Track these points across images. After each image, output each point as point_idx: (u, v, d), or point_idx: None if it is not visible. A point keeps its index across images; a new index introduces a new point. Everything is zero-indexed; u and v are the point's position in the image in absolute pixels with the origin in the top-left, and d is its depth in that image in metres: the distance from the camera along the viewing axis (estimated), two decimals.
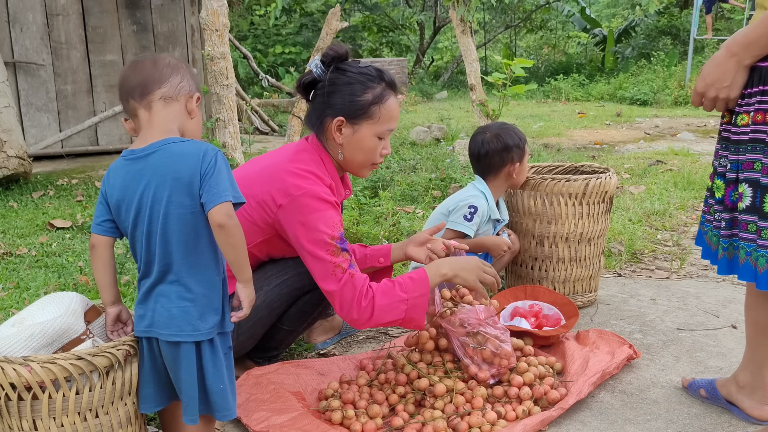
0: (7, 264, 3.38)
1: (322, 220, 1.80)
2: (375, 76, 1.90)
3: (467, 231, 2.53)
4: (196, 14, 7.03)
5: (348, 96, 1.88)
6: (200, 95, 1.57)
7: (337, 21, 5.61)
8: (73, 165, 6.22)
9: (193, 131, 1.56)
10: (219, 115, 4.12)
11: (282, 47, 15.23)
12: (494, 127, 2.67)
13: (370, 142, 1.91)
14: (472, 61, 5.46)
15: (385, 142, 1.95)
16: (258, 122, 8.44)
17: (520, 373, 2.01)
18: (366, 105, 1.87)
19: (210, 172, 1.42)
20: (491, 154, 2.60)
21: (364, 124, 1.89)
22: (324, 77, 1.90)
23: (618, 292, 2.94)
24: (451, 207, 2.60)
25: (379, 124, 1.90)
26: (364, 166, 1.96)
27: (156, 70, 1.51)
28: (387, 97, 1.90)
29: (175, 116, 1.52)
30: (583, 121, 9.50)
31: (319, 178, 1.87)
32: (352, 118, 1.88)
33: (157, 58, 1.54)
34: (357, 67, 1.92)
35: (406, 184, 4.88)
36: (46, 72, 6.46)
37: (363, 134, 1.90)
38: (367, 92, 1.88)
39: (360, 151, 1.92)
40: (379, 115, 1.88)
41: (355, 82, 1.88)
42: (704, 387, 1.95)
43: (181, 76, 1.52)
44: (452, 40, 19.63)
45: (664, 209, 4.29)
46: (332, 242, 1.79)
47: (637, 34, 16.44)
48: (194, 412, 1.48)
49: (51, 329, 1.48)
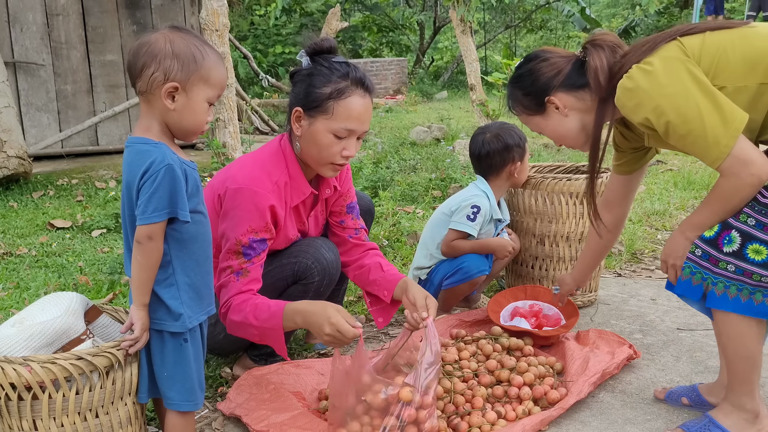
0: (7, 264, 3.38)
1: (239, 221, 1.81)
2: (341, 72, 1.82)
3: (470, 231, 2.53)
4: (196, 14, 7.03)
5: (309, 87, 1.82)
6: (178, 84, 1.41)
7: (337, 21, 5.62)
8: (73, 165, 6.22)
9: (177, 125, 1.46)
10: (219, 115, 4.12)
11: (282, 47, 15.22)
12: (494, 127, 2.67)
13: (323, 138, 1.83)
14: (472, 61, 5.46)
15: (347, 142, 1.84)
16: (258, 122, 8.44)
17: (520, 373, 2.01)
18: (322, 98, 1.80)
19: (145, 188, 1.39)
20: (492, 154, 2.60)
21: (319, 117, 1.82)
22: (304, 68, 1.88)
23: (618, 292, 2.94)
24: (453, 207, 2.60)
25: (334, 121, 1.81)
26: (321, 163, 1.88)
27: (137, 61, 1.42)
28: (348, 94, 1.81)
29: (153, 111, 1.45)
30: None
31: (267, 174, 1.86)
32: (307, 110, 1.83)
33: (140, 44, 1.43)
34: (329, 60, 1.85)
35: (406, 184, 4.88)
36: (46, 72, 6.46)
37: (317, 128, 1.83)
38: (327, 86, 1.80)
39: (314, 145, 1.85)
40: (332, 111, 1.80)
41: (318, 74, 1.83)
42: (685, 395, 1.93)
43: (156, 64, 1.40)
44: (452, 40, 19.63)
45: (664, 209, 4.29)
46: (237, 244, 1.80)
47: (637, 34, 16.43)
48: (143, 390, 1.54)
49: (51, 329, 1.48)
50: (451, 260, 2.57)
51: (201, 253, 1.52)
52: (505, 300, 2.50)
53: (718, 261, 1.58)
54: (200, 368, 1.56)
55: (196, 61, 1.43)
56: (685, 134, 1.54)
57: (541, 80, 1.82)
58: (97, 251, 3.59)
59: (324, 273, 2.00)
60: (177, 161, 1.42)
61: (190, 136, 1.50)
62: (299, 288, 1.99)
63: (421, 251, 2.70)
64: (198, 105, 1.45)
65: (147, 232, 1.40)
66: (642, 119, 1.60)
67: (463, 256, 2.55)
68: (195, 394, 1.54)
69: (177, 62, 1.41)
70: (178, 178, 1.41)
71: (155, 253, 1.42)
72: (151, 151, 1.41)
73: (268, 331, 1.76)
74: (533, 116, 1.88)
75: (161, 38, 1.42)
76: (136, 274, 1.44)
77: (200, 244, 1.52)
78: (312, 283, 1.99)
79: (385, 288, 2.03)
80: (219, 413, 1.95)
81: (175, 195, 1.41)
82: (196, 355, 1.54)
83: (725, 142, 1.49)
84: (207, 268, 1.55)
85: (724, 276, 1.58)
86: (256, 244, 1.82)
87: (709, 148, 1.51)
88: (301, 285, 1.99)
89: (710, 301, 1.62)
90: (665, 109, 1.54)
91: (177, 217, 1.42)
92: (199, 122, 1.47)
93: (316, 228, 2.14)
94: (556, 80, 1.80)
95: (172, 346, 1.50)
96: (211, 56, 1.46)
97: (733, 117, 1.50)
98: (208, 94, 1.46)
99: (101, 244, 3.76)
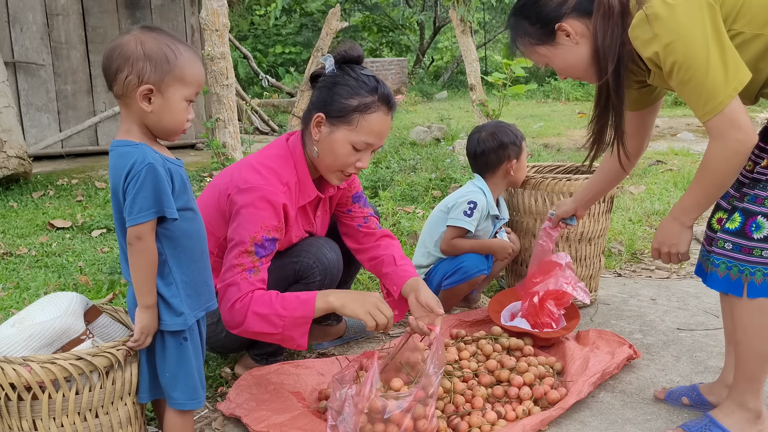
0: (7, 264, 3.38)
1: (252, 218, 1.81)
2: (370, 86, 1.87)
3: (468, 226, 2.54)
4: (196, 14, 7.03)
5: (335, 95, 1.86)
6: (152, 86, 1.39)
7: (337, 21, 5.62)
8: (73, 165, 6.22)
9: (156, 126, 1.44)
10: (219, 115, 4.12)
11: (282, 47, 15.23)
12: (490, 126, 2.68)
13: (342, 147, 1.87)
14: (472, 61, 5.46)
15: (362, 155, 1.89)
16: (258, 122, 8.44)
17: (520, 373, 2.01)
18: (348, 109, 1.84)
19: (129, 190, 1.39)
20: (488, 152, 2.61)
21: (341, 127, 1.86)
22: (329, 73, 1.91)
23: (618, 292, 2.94)
24: (450, 204, 2.60)
25: (356, 134, 1.85)
26: (332, 170, 1.92)
27: (110, 65, 1.42)
28: (374, 110, 1.86)
29: (131, 114, 1.43)
30: (583, 121, 9.49)
31: (277, 175, 1.88)
32: (331, 117, 1.86)
33: (112, 47, 1.42)
34: (358, 72, 1.89)
35: (406, 184, 4.88)
36: (46, 72, 6.46)
37: (337, 137, 1.86)
38: (354, 98, 1.85)
39: (331, 153, 1.88)
40: (357, 124, 1.85)
41: (347, 85, 1.86)
42: (686, 395, 1.92)
43: (129, 67, 1.38)
44: (452, 40, 19.62)
45: (664, 209, 4.29)
46: (249, 242, 1.80)
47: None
48: (144, 391, 1.55)
49: (51, 329, 1.47)
50: (451, 260, 2.57)
51: (196, 249, 1.52)
52: (506, 300, 2.50)
53: (752, 249, 1.58)
54: (200, 366, 1.57)
55: (169, 61, 1.41)
56: (687, 80, 1.52)
57: (550, 6, 1.70)
58: (97, 251, 3.59)
59: (325, 272, 2.00)
60: (159, 160, 1.41)
61: (172, 136, 1.48)
62: (300, 287, 1.98)
63: (419, 250, 2.71)
64: (175, 105, 1.43)
65: (135, 232, 1.40)
66: (652, 54, 1.55)
67: (463, 255, 2.55)
68: (197, 392, 1.55)
69: (149, 64, 1.39)
70: (161, 177, 1.40)
71: (147, 253, 1.42)
72: (132, 152, 1.40)
73: (297, 320, 1.77)
74: (540, 47, 1.75)
75: (132, 40, 1.41)
76: (133, 276, 1.44)
77: (194, 240, 1.52)
78: (313, 283, 1.99)
79: (395, 283, 2.05)
80: (219, 413, 1.95)
81: (160, 194, 1.40)
82: (196, 353, 1.54)
83: (721, 98, 1.49)
84: (203, 264, 1.55)
85: (761, 263, 1.57)
86: (267, 243, 1.83)
87: (705, 99, 1.50)
88: (302, 284, 1.99)
89: (752, 291, 1.59)
90: (676, 49, 1.50)
91: (165, 215, 1.42)
92: (178, 122, 1.45)
93: (323, 227, 2.15)
94: (566, 6, 1.69)
95: (173, 346, 1.50)
96: (185, 54, 1.44)
97: (736, 74, 1.48)
98: (185, 93, 1.44)
99: (101, 244, 3.76)
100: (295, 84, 11.85)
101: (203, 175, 5.60)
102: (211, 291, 1.58)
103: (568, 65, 1.76)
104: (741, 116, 1.50)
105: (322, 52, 5.70)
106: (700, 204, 1.63)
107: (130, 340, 1.48)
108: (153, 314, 1.46)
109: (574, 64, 1.74)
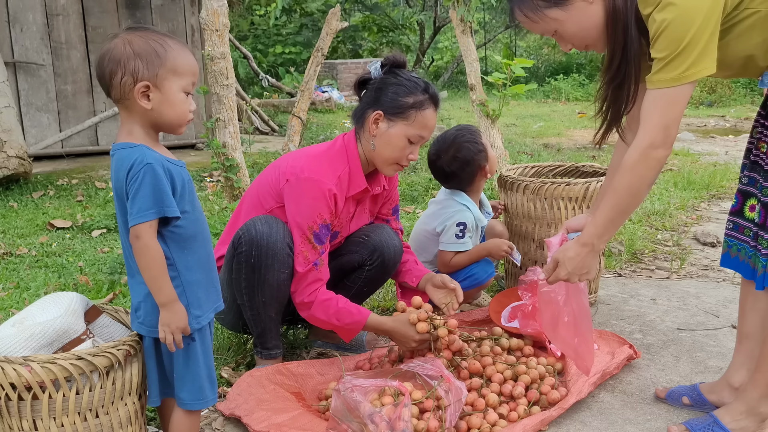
0: (7, 264, 3.38)
1: (309, 207, 2.00)
2: (421, 86, 2.08)
3: (463, 248, 2.56)
4: (196, 14, 7.03)
5: (392, 94, 2.06)
6: (148, 82, 1.41)
7: (337, 21, 5.62)
8: (73, 165, 6.22)
9: (159, 121, 1.46)
10: (219, 115, 4.12)
11: (282, 47, 15.21)
12: (446, 146, 2.58)
13: (399, 141, 2.06)
14: (472, 61, 5.45)
15: (414, 148, 2.10)
16: (258, 122, 8.43)
17: (520, 373, 2.01)
18: (406, 106, 2.05)
19: (132, 190, 1.40)
20: (458, 173, 2.58)
21: (399, 122, 2.06)
22: (378, 77, 2.11)
23: (618, 292, 2.94)
24: (438, 228, 2.58)
25: (412, 128, 2.06)
26: (390, 162, 2.11)
27: (103, 71, 1.43)
28: (426, 106, 2.07)
29: (133, 116, 1.45)
30: (583, 121, 9.49)
31: (332, 167, 2.07)
32: (390, 114, 2.06)
33: (102, 54, 1.43)
34: (408, 74, 2.11)
35: (406, 184, 4.88)
36: (46, 72, 6.46)
37: (395, 132, 2.06)
38: (410, 96, 2.06)
39: (389, 146, 2.08)
40: (414, 119, 2.05)
41: (402, 85, 2.07)
42: (686, 394, 1.92)
43: (121, 69, 1.40)
44: (452, 40, 19.62)
45: (664, 209, 4.29)
46: (308, 230, 2.00)
47: None
48: (154, 394, 1.56)
49: (51, 329, 1.48)
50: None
51: (203, 251, 1.53)
52: (507, 300, 2.50)
53: None
54: (210, 365, 1.57)
55: (159, 55, 1.41)
56: (664, 47, 1.47)
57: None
58: (97, 251, 3.59)
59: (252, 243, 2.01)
60: (158, 160, 1.41)
61: (177, 129, 1.49)
62: (229, 254, 2.08)
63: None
64: (173, 97, 1.44)
65: (134, 232, 1.41)
66: (651, 10, 1.49)
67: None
68: (204, 392, 1.55)
69: (141, 61, 1.40)
70: (159, 176, 1.40)
71: (147, 250, 1.41)
72: (131, 153, 1.41)
73: (348, 327, 2.05)
74: (551, 9, 1.58)
75: (120, 42, 1.42)
76: (143, 276, 1.45)
77: (201, 242, 1.52)
78: (241, 254, 2.01)
79: (415, 275, 2.34)
80: (219, 413, 1.95)
81: (159, 193, 1.40)
82: (205, 353, 1.55)
83: (682, 72, 1.46)
84: (210, 266, 1.56)
85: None
86: (323, 230, 2.02)
87: (664, 68, 1.48)
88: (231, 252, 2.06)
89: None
90: (673, 11, 1.45)
91: (166, 215, 1.42)
92: (180, 113, 1.46)
93: (357, 225, 2.28)
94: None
95: (184, 348, 1.50)
96: (174, 46, 1.44)
97: (704, 61, 1.46)
98: (181, 84, 1.45)
99: (101, 244, 3.76)
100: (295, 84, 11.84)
101: (203, 175, 5.60)
102: (218, 292, 1.59)
103: (581, 29, 1.60)
104: (678, 114, 1.49)
105: (322, 52, 5.69)
106: (615, 221, 1.61)
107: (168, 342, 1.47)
108: (172, 310, 1.45)
109: (589, 27, 1.59)
